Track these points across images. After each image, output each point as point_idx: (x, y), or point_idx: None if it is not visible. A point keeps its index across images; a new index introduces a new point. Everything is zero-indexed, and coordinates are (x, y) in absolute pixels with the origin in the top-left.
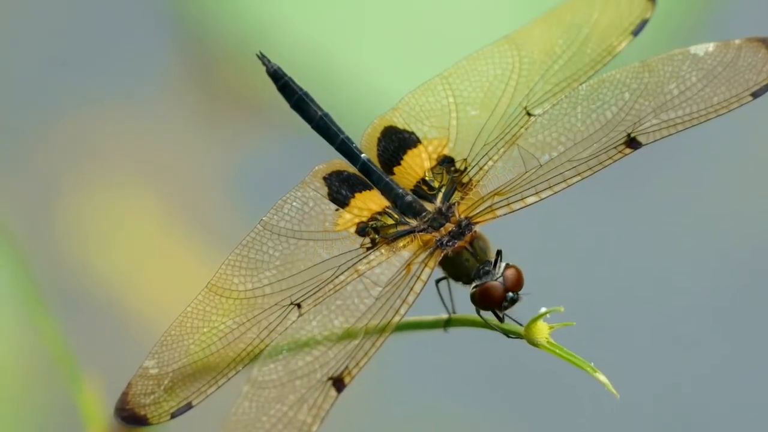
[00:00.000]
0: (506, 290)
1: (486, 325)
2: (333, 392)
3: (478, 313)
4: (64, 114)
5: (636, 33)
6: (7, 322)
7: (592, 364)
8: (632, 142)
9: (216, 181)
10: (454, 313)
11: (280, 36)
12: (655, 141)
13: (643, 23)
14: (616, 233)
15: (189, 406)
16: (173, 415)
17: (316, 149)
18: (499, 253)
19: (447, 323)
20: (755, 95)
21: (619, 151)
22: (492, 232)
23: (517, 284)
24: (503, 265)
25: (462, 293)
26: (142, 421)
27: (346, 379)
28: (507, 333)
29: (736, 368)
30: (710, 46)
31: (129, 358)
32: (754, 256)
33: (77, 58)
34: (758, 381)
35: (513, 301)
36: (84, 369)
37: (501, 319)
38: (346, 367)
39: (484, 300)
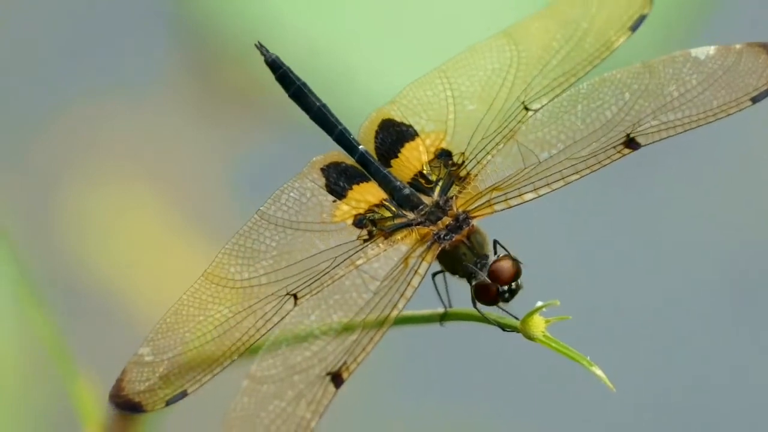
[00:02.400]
0: (501, 283)
1: (482, 318)
2: (331, 387)
3: (475, 306)
4: (64, 109)
5: (634, 29)
6: (8, 322)
7: (589, 357)
8: (631, 143)
9: (216, 176)
10: (450, 307)
11: (279, 34)
12: (654, 142)
13: (641, 19)
14: (617, 230)
15: (184, 394)
16: (168, 403)
17: (316, 144)
18: (495, 243)
19: (443, 317)
20: (755, 100)
21: (618, 151)
22: (491, 227)
23: (509, 276)
24: (495, 257)
25: (458, 287)
26: (137, 407)
27: (345, 375)
28: (503, 327)
29: (733, 366)
30: (711, 50)
31: (129, 354)
32: (754, 255)
33: (77, 54)
34: (758, 379)
35: (513, 292)
36: (84, 366)
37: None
38: (345, 363)
39: (481, 295)
